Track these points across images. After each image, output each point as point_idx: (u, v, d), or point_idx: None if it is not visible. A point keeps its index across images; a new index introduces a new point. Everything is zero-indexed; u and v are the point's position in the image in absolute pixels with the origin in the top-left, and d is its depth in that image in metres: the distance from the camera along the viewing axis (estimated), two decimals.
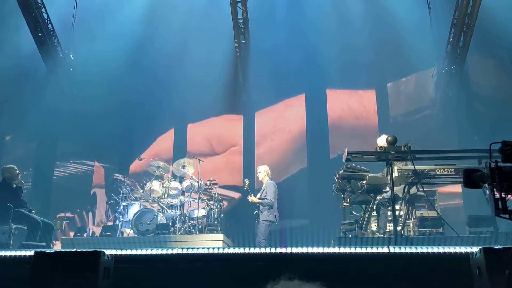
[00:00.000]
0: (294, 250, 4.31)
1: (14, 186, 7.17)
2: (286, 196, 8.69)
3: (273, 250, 4.38)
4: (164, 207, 8.60)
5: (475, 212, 6.68)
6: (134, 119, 11.39)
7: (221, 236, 7.72)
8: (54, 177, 11.09)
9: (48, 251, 4.31)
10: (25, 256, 4.41)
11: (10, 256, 4.76)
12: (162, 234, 7.93)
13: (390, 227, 6.34)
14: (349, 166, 6.43)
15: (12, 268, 4.30)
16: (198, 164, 9.11)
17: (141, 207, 8.54)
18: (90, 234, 9.08)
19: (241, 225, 9.52)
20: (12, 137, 11.33)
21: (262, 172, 8.35)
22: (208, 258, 4.29)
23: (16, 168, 7.30)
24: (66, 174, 11.29)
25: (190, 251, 4.40)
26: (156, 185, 8.82)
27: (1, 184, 7.14)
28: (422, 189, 6.15)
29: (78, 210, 10.72)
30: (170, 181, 8.93)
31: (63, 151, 11.37)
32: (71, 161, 11.35)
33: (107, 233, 8.40)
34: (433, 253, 4.20)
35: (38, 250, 4.11)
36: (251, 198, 8.13)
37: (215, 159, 11.19)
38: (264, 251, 4.49)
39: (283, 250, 4.34)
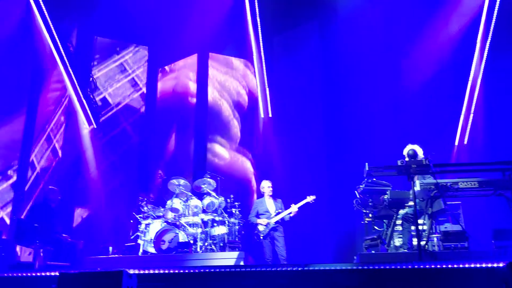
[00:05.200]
0: (316, 267, 4.27)
1: (52, 206, 7.35)
2: (308, 211, 8.65)
3: (295, 267, 4.36)
4: (185, 225, 8.63)
5: (501, 225, 6.55)
6: None
7: (242, 254, 7.69)
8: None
9: (72, 271, 4.36)
10: (50, 276, 4.48)
11: (36, 276, 4.85)
12: (183, 253, 7.96)
13: (413, 242, 6.25)
14: (370, 180, 6.39)
15: None
16: (218, 181, 9.19)
17: (162, 225, 8.59)
18: (113, 254, 9.13)
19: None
20: None
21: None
22: (231, 276, 4.29)
23: (58, 191, 7.52)
24: None
25: (212, 269, 4.40)
26: (177, 203, 8.87)
27: (39, 204, 7.32)
28: (445, 203, 6.06)
29: (99, 229, 10.82)
30: (191, 198, 8.98)
31: None
32: None
33: (129, 252, 8.45)
34: (459, 268, 4.11)
35: (63, 271, 4.17)
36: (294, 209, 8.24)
37: None
38: (287, 269, 4.47)
39: (305, 267, 4.31)
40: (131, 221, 9.18)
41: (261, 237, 8.28)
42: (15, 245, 8.56)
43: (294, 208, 8.31)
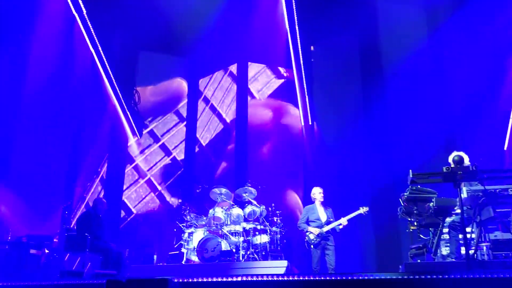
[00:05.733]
0: (361, 276, 4.21)
1: (100, 216, 7.60)
2: (352, 220, 8.49)
3: (339, 276, 4.30)
4: (227, 234, 8.69)
5: None
6: None
7: (285, 263, 7.66)
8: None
9: (119, 279, 4.47)
10: (97, 284, 4.60)
11: (84, 284, 4.99)
12: (226, 261, 8.00)
13: (462, 251, 6.05)
14: (414, 188, 6.25)
15: None
16: (259, 190, 9.22)
17: (205, 234, 8.68)
18: (157, 262, 9.29)
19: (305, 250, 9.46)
20: None
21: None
22: (274, 285, 4.27)
23: (105, 201, 7.80)
24: None
25: (254, 278, 4.41)
26: (219, 211, 8.95)
27: (88, 214, 7.57)
28: (494, 210, 5.84)
29: (144, 237, 11.06)
30: (233, 207, 9.05)
31: None
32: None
33: (173, 261, 8.58)
34: (509, 278, 3.95)
35: (110, 279, 4.28)
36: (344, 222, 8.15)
37: None
38: (331, 278, 4.41)
39: (349, 277, 4.25)
40: (175, 229, 9.32)
41: (312, 246, 8.13)
42: (65, 253, 8.87)
43: (344, 221, 8.13)
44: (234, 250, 8.39)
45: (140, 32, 11.56)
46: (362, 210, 8.12)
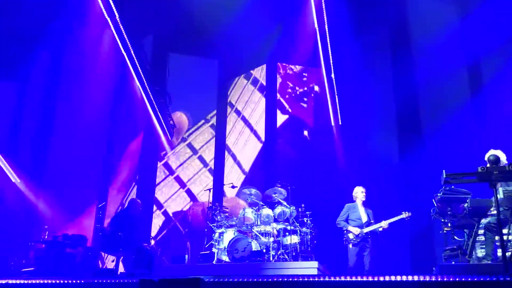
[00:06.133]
0: (393, 278, 4.15)
1: (135, 216, 7.77)
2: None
3: (370, 278, 4.25)
4: (258, 234, 8.71)
5: None
6: None
7: (315, 264, 7.61)
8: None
9: (151, 278, 4.54)
10: (130, 282, 4.68)
11: (117, 282, 5.09)
12: (256, 262, 8.01)
13: (498, 253, 5.89)
14: (448, 188, 6.12)
15: None
16: (289, 191, 9.20)
17: (235, 234, 8.72)
18: (188, 262, 9.38)
19: (335, 251, 9.39)
20: None
21: None
22: (306, 286, 4.26)
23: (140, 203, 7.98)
24: None
25: (285, 279, 4.40)
26: (249, 212, 8.98)
27: (122, 214, 7.74)
28: None
29: (175, 238, 11.21)
30: (262, 208, 9.06)
31: None
32: None
33: (204, 261, 8.65)
34: None
35: (143, 278, 4.35)
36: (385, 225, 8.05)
37: None
38: (362, 279, 4.37)
39: (381, 278, 4.20)
40: (205, 230, 9.40)
41: (350, 245, 8.07)
42: (99, 253, 9.08)
43: (384, 224, 8.02)
44: (264, 251, 8.39)
45: (170, 34, 11.73)
46: (405, 215, 7.98)
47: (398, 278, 4.11)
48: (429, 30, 10.19)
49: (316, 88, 12.10)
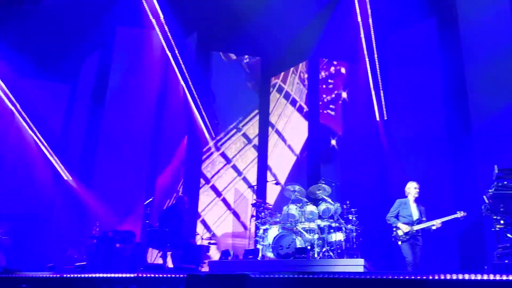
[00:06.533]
0: (442, 276, 4.05)
1: (181, 213, 7.99)
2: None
3: (419, 276, 4.17)
4: (302, 231, 8.69)
5: None
6: None
7: (361, 261, 7.51)
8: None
9: (199, 273, 4.64)
10: (178, 278, 4.80)
11: (165, 277, 5.23)
12: (301, 258, 8.00)
13: None
14: (500, 184, 5.90)
15: None
16: (333, 187, 9.12)
17: (280, 231, 8.74)
18: (233, 258, 9.49)
19: (382, 248, 9.25)
20: None
21: None
22: (350, 284, 4.23)
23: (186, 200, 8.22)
24: None
25: (331, 276, 4.39)
26: (293, 209, 8.97)
27: (170, 211, 7.96)
28: None
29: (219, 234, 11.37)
30: (306, 205, 9.03)
31: None
32: None
33: (249, 257, 8.73)
34: None
35: (190, 273, 4.45)
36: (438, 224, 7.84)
37: None
38: (411, 278, 4.29)
39: (430, 277, 4.11)
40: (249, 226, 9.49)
41: (399, 242, 7.88)
42: (147, 248, 9.33)
43: (437, 223, 7.77)
44: (309, 247, 8.36)
45: (213, 33, 11.89)
46: (459, 214, 7.66)
47: (448, 276, 4.01)
48: (478, 15, 9.80)
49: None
